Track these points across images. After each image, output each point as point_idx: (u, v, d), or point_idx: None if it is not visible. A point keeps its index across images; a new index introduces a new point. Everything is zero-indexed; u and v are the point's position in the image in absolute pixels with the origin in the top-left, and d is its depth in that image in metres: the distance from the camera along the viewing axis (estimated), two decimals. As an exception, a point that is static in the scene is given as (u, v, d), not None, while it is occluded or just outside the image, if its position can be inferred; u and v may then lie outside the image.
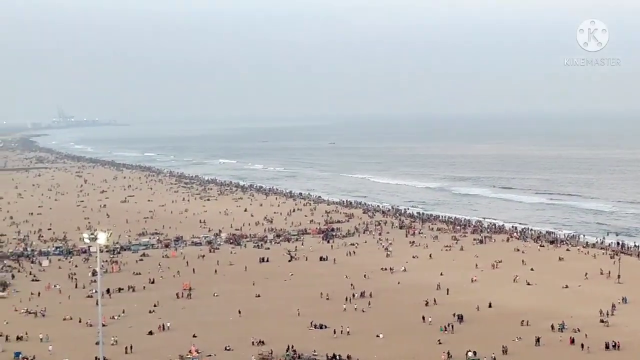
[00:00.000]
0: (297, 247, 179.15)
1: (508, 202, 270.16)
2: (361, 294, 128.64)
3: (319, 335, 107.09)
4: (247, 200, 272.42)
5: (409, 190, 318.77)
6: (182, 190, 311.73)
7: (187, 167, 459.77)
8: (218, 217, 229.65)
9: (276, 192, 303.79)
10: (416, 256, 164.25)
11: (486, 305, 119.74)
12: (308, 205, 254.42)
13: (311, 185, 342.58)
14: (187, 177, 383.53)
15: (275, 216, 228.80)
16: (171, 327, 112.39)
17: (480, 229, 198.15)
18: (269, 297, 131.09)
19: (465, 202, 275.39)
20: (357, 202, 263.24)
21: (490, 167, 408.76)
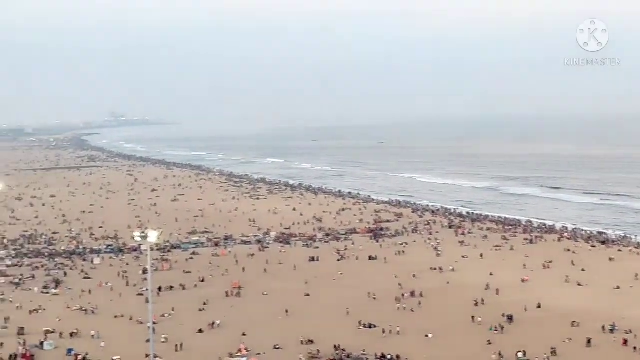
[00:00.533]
0: (347, 246, 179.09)
1: (557, 202, 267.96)
2: (411, 294, 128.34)
3: (367, 334, 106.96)
4: (296, 200, 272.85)
5: (458, 189, 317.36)
6: (231, 189, 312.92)
7: (237, 166, 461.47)
8: (267, 216, 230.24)
9: (325, 191, 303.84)
10: (465, 256, 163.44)
11: (536, 306, 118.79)
12: (357, 205, 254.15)
13: (360, 184, 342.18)
14: (237, 176, 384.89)
15: (325, 215, 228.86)
16: (221, 325, 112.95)
17: (531, 229, 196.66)
18: (318, 296, 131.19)
19: (514, 201, 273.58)
20: (406, 202, 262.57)
21: (539, 166, 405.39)
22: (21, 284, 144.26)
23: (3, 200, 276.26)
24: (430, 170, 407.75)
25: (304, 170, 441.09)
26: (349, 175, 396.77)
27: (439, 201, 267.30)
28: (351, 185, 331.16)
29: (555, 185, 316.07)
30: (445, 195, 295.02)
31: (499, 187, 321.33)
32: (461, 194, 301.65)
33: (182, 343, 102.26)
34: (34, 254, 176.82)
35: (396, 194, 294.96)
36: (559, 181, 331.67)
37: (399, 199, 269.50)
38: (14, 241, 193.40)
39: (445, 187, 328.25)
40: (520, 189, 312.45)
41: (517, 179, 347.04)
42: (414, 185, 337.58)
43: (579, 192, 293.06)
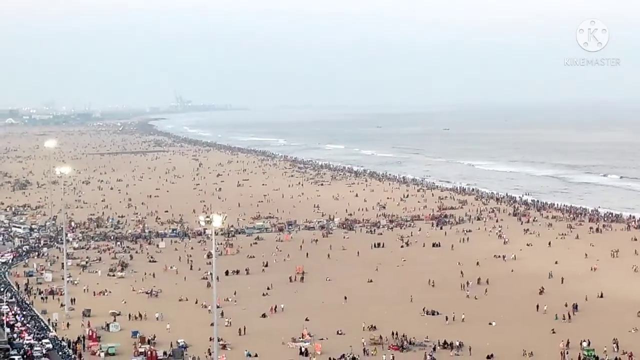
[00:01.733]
0: (410, 233, 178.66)
1: (625, 191, 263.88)
2: (477, 281, 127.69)
3: (431, 321, 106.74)
4: (360, 186, 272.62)
5: (523, 177, 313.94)
6: (296, 175, 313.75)
7: (301, 152, 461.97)
8: (331, 202, 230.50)
9: (389, 177, 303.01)
10: (530, 244, 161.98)
11: (601, 295, 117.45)
12: (421, 191, 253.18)
13: (424, 171, 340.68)
14: (301, 161, 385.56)
15: (388, 202, 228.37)
16: (284, 310, 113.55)
17: (597, 218, 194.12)
18: (381, 282, 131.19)
19: (580, 190, 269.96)
20: (470, 189, 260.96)
21: (604, 155, 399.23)
22: (88, 267, 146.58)
23: (71, 184, 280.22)
24: (495, 157, 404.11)
25: (368, 156, 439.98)
26: (413, 162, 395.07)
27: (503, 189, 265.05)
28: (415, 172, 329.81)
29: (623, 174, 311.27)
30: (509, 183, 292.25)
31: (564, 175, 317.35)
32: (525, 181, 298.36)
33: (245, 327, 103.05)
34: (100, 237, 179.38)
35: (460, 181, 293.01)
36: (626, 170, 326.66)
37: (462, 186, 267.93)
38: (81, 224, 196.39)
39: (510, 174, 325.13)
40: (586, 177, 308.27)
41: (582, 167, 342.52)
42: (478, 173, 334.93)
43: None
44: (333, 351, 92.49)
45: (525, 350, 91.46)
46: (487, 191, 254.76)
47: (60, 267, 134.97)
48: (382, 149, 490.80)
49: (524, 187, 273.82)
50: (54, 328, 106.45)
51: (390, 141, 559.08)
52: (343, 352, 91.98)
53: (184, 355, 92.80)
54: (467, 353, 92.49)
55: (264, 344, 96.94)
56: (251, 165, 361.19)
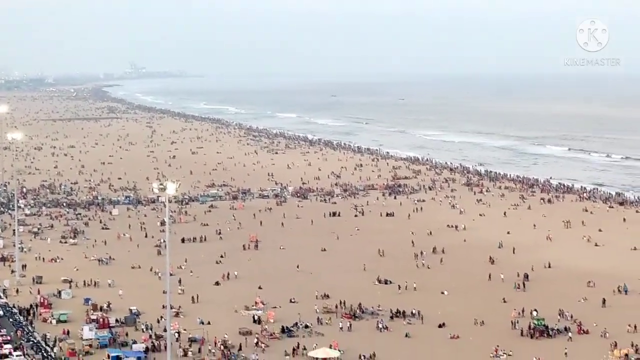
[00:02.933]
0: (365, 202, 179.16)
1: (577, 162, 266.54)
2: (433, 250, 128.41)
3: (383, 290, 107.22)
4: (314, 155, 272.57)
5: (477, 148, 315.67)
6: (250, 143, 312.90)
7: (256, 120, 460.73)
8: (286, 171, 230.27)
9: (343, 147, 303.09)
10: (483, 214, 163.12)
11: (552, 265, 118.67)
12: (375, 161, 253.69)
13: (378, 141, 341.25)
14: (256, 130, 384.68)
15: (343, 171, 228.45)
16: (237, 278, 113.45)
17: (549, 189, 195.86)
18: (334, 251, 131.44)
19: (533, 161, 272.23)
20: (424, 159, 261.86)
21: (560, 126, 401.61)
22: (39, 234, 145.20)
23: (22, 150, 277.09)
24: (449, 128, 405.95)
25: (324, 125, 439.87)
26: (368, 132, 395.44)
27: (457, 159, 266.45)
28: (370, 142, 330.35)
29: (577, 146, 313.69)
30: (463, 154, 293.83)
31: (515, 146, 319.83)
32: (479, 152, 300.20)
33: (198, 295, 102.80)
34: (52, 203, 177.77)
35: (414, 151, 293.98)
36: (581, 142, 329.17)
37: (417, 156, 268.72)
38: (33, 190, 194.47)
39: (463, 145, 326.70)
40: (536, 148, 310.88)
41: (532, 139, 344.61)
42: (433, 143, 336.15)
43: (600, 152, 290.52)
44: (286, 319, 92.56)
45: (476, 319, 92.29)
46: (441, 161, 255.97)
47: (12, 234, 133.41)
48: (337, 118, 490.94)
49: (476, 158, 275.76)
50: (5, 295, 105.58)
51: (345, 110, 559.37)
52: (296, 320, 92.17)
53: (136, 323, 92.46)
54: (419, 322, 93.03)
55: (216, 312, 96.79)
56: (205, 133, 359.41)
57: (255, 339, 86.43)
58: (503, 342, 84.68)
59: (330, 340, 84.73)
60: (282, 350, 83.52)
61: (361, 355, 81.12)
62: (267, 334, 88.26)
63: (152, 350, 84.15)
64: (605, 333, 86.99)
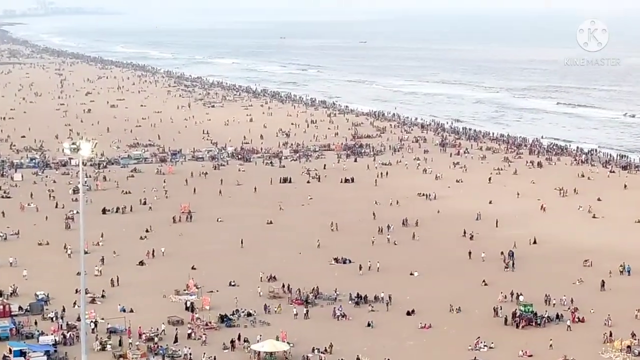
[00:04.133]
0: (319, 165, 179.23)
1: (574, 119, 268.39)
2: (404, 222, 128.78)
3: (342, 271, 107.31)
4: (259, 109, 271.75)
5: (455, 101, 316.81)
6: (182, 95, 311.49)
7: (189, 67, 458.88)
8: (224, 128, 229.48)
9: (294, 99, 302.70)
10: (460, 180, 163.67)
11: (541, 241, 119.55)
12: (331, 117, 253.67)
13: (336, 91, 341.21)
14: (189, 78, 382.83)
15: (293, 128, 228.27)
16: (166, 256, 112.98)
17: (539, 150, 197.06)
18: (283, 224, 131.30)
19: (518, 117, 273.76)
20: (391, 114, 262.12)
21: (545, 76, 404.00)
22: None
23: None
24: (420, 77, 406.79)
25: (269, 73, 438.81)
26: (323, 81, 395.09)
27: (430, 114, 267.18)
28: (325, 93, 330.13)
29: (565, 100, 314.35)
30: (436, 108, 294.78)
31: (500, 99, 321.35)
32: (455, 106, 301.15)
33: (119, 277, 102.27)
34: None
35: (378, 104, 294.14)
36: (578, 95, 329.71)
37: (381, 111, 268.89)
38: None
39: (437, 98, 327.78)
40: (528, 101, 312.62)
41: (524, 90, 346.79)
42: (400, 95, 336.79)
43: (601, 108, 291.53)
44: (225, 306, 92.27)
45: (452, 306, 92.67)
46: (410, 117, 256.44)
47: None
48: (285, 64, 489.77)
49: (452, 113, 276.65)
50: None
51: (295, 55, 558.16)
52: (236, 307, 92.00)
53: (44, 310, 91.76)
54: (384, 308, 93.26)
55: (141, 297, 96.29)
56: (127, 83, 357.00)
57: (188, 329, 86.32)
58: (484, 333, 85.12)
59: (278, 330, 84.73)
60: (220, 342, 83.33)
61: (315, 349, 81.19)
62: (202, 323, 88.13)
63: (63, 343, 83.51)
64: (607, 321, 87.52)
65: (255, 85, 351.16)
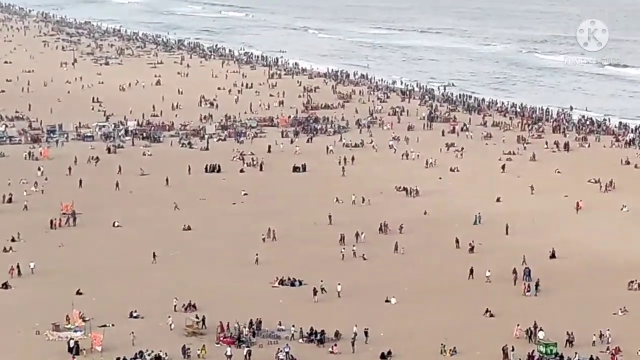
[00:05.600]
0: (258, 148, 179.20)
1: (617, 83, 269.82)
2: (381, 229, 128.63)
3: (289, 297, 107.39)
4: (172, 67, 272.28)
5: (448, 57, 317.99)
6: (63, 47, 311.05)
7: (73, 7, 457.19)
8: (122, 95, 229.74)
9: (222, 54, 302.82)
10: (456, 168, 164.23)
11: (570, 253, 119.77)
12: (276, 78, 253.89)
13: (280, 42, 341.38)
14: (72, 24, 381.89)
15: (221, 95, 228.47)
16: (39, 275, 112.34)
17: (566, 127, 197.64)
18: (206, 230, 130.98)
19: (541, 80, 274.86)
20: (358, 75, 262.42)
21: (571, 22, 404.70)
22: None
23: None
24: (399, 23, 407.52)
25: (187, 17, 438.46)
26: (263, 28, 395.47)
27: (414, 76, 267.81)
28: (266, 45, 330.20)
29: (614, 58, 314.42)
30: (423, 67, 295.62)
31: (509, 53, 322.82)
32: (451, 65, 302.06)
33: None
34: None
35: (344, 61, 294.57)
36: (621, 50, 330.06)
37: (345, 71, 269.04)
38: None
39: (425, 52, 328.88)
40: (550, 58, 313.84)
41: (543, 42, 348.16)
42: (372, 49, 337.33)
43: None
44: (123, 346, 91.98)
45: (444, 345, 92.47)
46: (387, 79, 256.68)
47: None
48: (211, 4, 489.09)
49: (445, 74, 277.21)
50: None
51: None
52: (140, 348, 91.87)
53: None
54: (348, 348, 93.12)
55: (3, 335, 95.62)
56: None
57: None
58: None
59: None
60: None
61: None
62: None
63: None
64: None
65: (166, 34, 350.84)
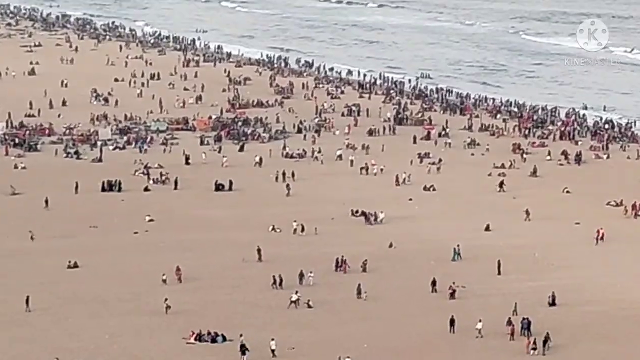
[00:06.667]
0: (168, 158, 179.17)
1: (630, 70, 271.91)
2: (338, 265, 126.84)
3: (208, 356, 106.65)
4: (54, 50, 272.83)
5: (421, 39, 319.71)
6: None
7: None
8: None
9: (121, 34, 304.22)
10: (431, 187, 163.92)
11: (581, 299, 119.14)
12: (192, 66, 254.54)
13: (200, 20, 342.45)
14: None
15: (119, 88, 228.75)
16: None
17: (578, 132, 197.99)
18: (98, 269, 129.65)
19: (545, 68, 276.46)
20: (302, 63, 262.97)
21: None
22: None
23: None
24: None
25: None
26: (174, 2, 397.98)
27: (378, 64, 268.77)
28: (178, 23, 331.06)
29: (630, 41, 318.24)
30: (390, 52, 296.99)
31: (506, 36, 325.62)
32: (427, 48, 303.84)
33: None
34: None
35: (282, 43, 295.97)
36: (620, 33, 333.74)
37: (285, 57, 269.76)
38: None
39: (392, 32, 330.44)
40: (554, 41, 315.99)
41: (545, 20, 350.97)
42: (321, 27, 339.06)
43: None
44: None
45: None
46: (339, 68, 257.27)
47: None
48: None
49: (417, 62, 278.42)
50: None
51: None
52: None
53: None
54: None
55: None
56: None
57: None
58: None
59: None
60: None
61: None
62: None
63: None
64: None
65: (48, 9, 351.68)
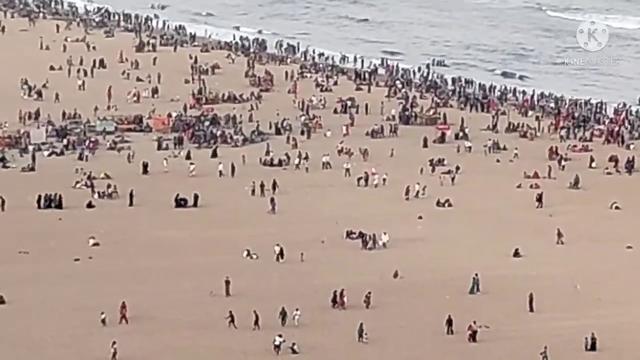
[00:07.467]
0: (117, 166, 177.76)
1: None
2: (336, 301, 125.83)
3: None
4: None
5: (432, 18, 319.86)
6: None
7: None
8: None
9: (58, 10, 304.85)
10: (446, 202, 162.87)
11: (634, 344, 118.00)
12: (146, 50, 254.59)
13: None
14: None
15: (56, 78, 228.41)
16: None
17: (630, 133, 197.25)
18: (28, 305, 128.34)
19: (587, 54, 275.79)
20: (282, 47, 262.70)
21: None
22: None
23: None
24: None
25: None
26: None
27: (379, 48, 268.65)
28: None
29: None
30: (394, 34, 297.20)
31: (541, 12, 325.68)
32: (440, 29, 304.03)
33: None
34: None
35: (259, 21, 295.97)
36: None
37: (262, 39, 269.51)
38: None
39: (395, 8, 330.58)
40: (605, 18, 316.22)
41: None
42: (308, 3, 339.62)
43: None
44: None
45: None
46: (332, 54, 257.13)
47: None
48: None
49: (430, 45, 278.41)
50: None
51: None
52: None
53: None
54: None
55: None
56: None
57: None
58: None
59: None
60: None
61: None
62: None
63: None
64: None
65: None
